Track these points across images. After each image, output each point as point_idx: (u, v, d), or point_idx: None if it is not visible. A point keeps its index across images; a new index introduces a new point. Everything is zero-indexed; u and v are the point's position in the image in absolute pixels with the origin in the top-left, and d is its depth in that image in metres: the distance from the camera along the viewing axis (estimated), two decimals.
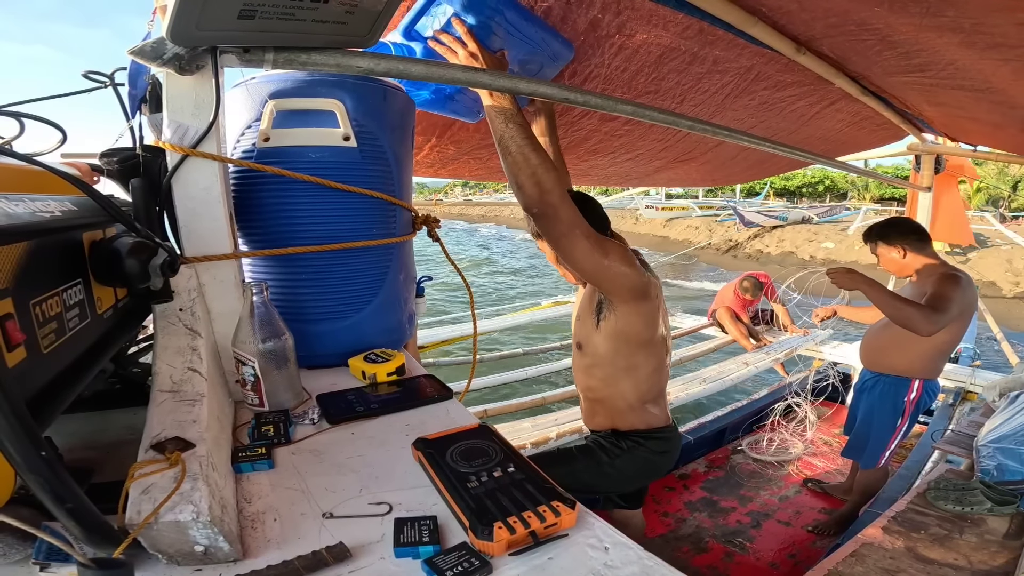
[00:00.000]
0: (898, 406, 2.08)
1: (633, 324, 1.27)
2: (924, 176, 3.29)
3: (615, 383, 1.34)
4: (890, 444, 2.12)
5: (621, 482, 1.43)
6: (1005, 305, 9.38)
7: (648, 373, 1.34)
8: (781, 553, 2.11)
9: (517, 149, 1.04)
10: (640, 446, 1.36)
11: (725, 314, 4.25)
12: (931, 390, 2.09)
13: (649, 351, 1.32)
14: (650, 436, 1.38)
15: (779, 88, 1.66)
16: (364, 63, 0.82)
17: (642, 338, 1.30)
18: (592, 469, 1.35)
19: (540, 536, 0.55)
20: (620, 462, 1.35)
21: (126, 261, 0.62)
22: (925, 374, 2.04)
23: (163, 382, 0.67)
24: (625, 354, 1.30)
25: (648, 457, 1.38)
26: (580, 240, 1.12)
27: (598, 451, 1.36)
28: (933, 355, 2.01)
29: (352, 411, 0.85)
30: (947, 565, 1.42)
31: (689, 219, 19.43)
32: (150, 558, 0.50)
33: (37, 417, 0.42)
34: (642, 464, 1.38)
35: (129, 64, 0.86)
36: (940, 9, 0.91)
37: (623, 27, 1.20)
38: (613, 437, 1.38)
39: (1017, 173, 18.50)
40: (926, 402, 2.09)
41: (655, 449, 1.38)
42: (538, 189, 1.05)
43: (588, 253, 1.14)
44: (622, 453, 1.35)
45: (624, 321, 1.26)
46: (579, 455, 1.37)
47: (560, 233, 1.11)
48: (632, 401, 1.35)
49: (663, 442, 1.39)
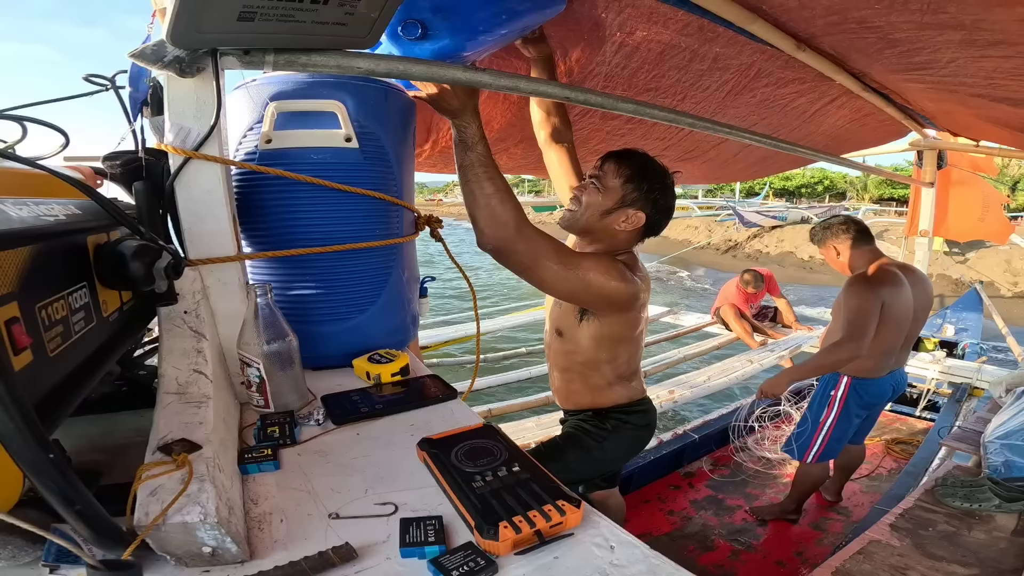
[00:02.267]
0: (823, 400, 2.11)
1: (616, 329, 1.23)
2: (927, 172, 3.28)
3: (595, 369, 1.29)
4: (815, 438, 2.11)
5: (611, 463, 1.41)
6: (1004, 305, 9.31)
7: (627, 358, 1.31)
8: (788, 551, 2.10)
9: (474, 180, 0.96)
10: (624, 424, 1.32)
11: (729, 311, 4.24)
12: (864, 390, 2.06)
13: (630, 343, 1.29)
14: (632, 410, 1.34)
15: (780, 85, 1.65)
16: (364, 64, 0.82)
17: (624, 336, 1.26)
18: (583, 458, 1.31)
19: (546, 535, 0.55)
20: (608, 444, 1.31)
21: (130, 264, 0.62)
22: (852, 371, 2.03)
23: (169, 384, 0.67)
24: (607, 348, 1.26)
25: (635, 433, 1.35)
26: (547, 269, 1.03)
27: (584, 437, 1.32)
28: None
29: (357, 412, 0.85)
30: (955, 562, 1.41)
31: (688, 219, 19.39)
32: (158, 559, 0.50)
33: (45, 420, 0.43)
34: (629, 442, 1.36)
35: (130, 67, 0.87)
36: (941, 6, 0.90)
37: (624, 24, 1.20)
38: (596, 419, 1.33)
39: (1016, 173, 18.41)
40: (859, 401, 2.07)
41: (638, 423, 1.35)
42: (492, 224, 0.97)
43: (560, 279, 1.05)
44: (608, 434, 1.31)
45: (607, 327, 1.22)
46: (567, 446, 1.32)
47: (523, 266, 1.02)
48: (610, 377, 1.31)
49: (644, 415, 1.36)
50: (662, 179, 1.18)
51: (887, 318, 1.90)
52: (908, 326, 2.00)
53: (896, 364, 2.10)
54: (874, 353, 1.96)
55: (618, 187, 1.15)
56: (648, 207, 1.16)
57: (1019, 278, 10.40)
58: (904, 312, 1.96)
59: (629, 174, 1.15)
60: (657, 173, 1.17)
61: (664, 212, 1.20)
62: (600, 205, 1.16)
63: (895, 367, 2.10)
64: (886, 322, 1.90)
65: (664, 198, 1.18)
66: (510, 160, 2.12)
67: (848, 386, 2.06)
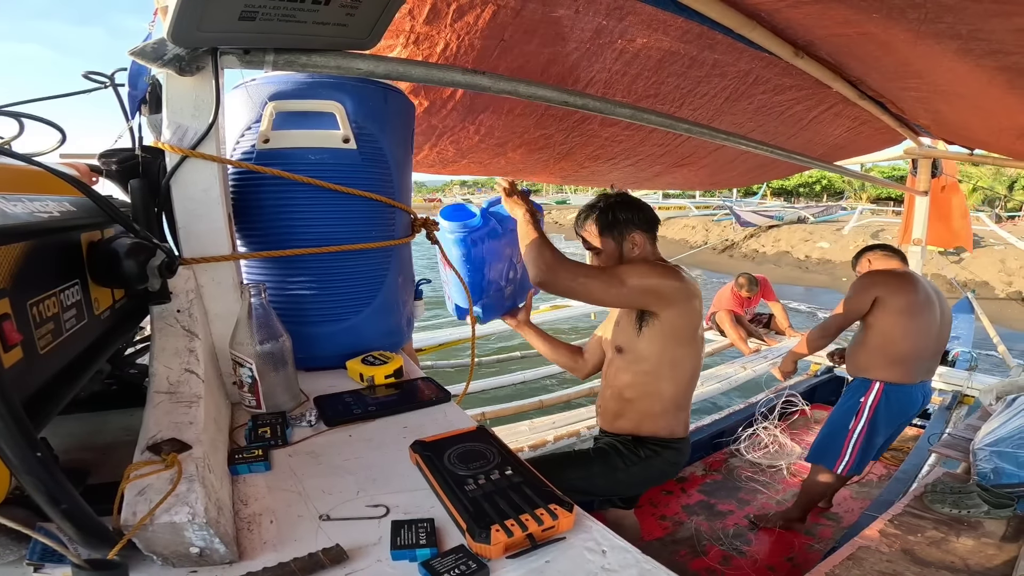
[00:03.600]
0: (852, 407, 2.04)
1: (676, 326, 1.30)
2: (921, 180, 3.31)
3: (657, 380, 1.35)
4: (846, 447, 2.03)
5: (631, 488, 1.45)
6: (998, 305, 9.40)
7: (688, 374, 1.38)
8: (779, 556, 2.11)
9: (537, 254, 1.24)
10: (656, 456, 1.38)
11: (725, 317, 4.25)
12: (896, 396, 1.99)
13: (691, 348, 1.35)
14: (667, 445, 1.39)
15: (777, 92, 1.67)
16: (364, 65, 0.83)
17: (686, 335, 1.33)
18: (607, 475, 1.36)
19: (538, 539, 0.55)
20: (636, 469, 1.37)
21: (124, 262, 0.61)
22: (884, 376, 1.98)
23: (160, 383, 0.67)
24: (672, 348, 1.33)
25: (662, 468, 1.40)
26: (591, 283, 1.23)
27: (614, 456, 1.38)
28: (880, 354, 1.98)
29: (350, 413, 0.85)
30: (944, 568, 1.42)
31: (686, 219, 19.48)
32: (145, 560, 0.50)
33: (33, 418, 0.42)
34: (655, 473, 1.41)
35: (129, 65, 0.86)
36: (938, 15, 0.91)
37: (625, 32, 1.21)
38: (632, 444, 1.39)
39: (1013, 173, 18.59)
40: (889, 409, 1.99)
41: (669, 460, 1.40)
42: (543, 270, 1.23)
43: (605, 289, 1.24)
44: (639, 461, 1.37)
45: (668, 325, 1.29)
46: (596, 459, 1.38)
47: (569, 288, 1.23)
48: (666, 403, 1.37)
49: (677, 453, 1.42)
50: (618, 200, 1.37)
51: (894, 313, 1.90)
52: (936, 331, 1.97)
53: (927, 374, 2.04)
54: (899, 356, 1.94)
55: (605, 237, 1.36)
56: (632, 225, 1.35)
57: (1013, 278, 10.47)
58: (926, 315, 1.94)
59: (601, 223, 1.36)
60: (611, 202, 1.37)
61: (640, 213, 1.37)
62: (611, 258, 1.36)
63: (926, 376, 2.04)
64: (896, 318, 1.90)
65: (631, 209, 1.36)
66: (508, 164, 2.12)
67: (880, 392, 1.98)
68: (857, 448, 2.03)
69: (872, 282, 1.98)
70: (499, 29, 1.16)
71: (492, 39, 1.19)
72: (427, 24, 1.15)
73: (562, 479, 1.32)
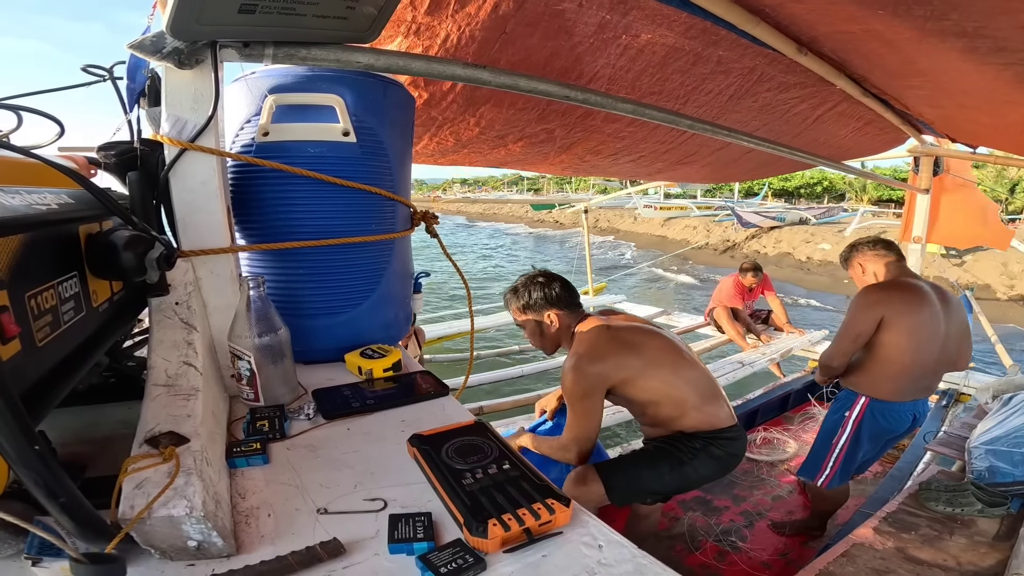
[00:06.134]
0: (837, 421, 1.96)
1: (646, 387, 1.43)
2: (923, 178, 3.30)
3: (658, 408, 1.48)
4: (828, 459, 1.95)
5: (699, 480, 1.49)
6: (999, 307, 9.42)
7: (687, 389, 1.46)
8: (774, 552, 2.12)
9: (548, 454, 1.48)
10: (710, 445, 1.45)
11: (723, 313, 4.25)
12: (881, 413, 1.87)
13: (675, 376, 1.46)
14: (718, 435, 1.46)
15: (782, 90, 1.66)
16: (364, 58, 0.82)
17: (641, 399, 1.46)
18: (676, 471, 1.43)
19: (535, 533, 0.55)
20: (698, 461, 1.44)
21: (122, 254, 0.61)
22: (872, 391, 1.88)
23: (158, 376, 0.67)
24: (640, 412, 1.51)
25: (720, 456, 1.47)
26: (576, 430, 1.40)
27: (674, 451, 1.45)
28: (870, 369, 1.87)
29: (348, 407, 0.85)
30: (937, 566, 1.43)
31: (687, 219, 19.47)
32: (143, 553, 0.50)
33: (31, 411, 0.42)
34: (717, 464, 1.47)
35: (128, 58, 0.86)
36: (944, 12, 0.91)
37: (630, 27, 1.20)
38: (683, 438, 1.47)
39: (1015, 176, 18.55)
40: (874, 426, 1.88)
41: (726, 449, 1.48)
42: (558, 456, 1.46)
43: (585, 425, 1.40)
44: (698, 451, 1.44)
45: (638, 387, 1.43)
46: (658, 456, 1.46)
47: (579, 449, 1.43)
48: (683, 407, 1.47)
49: (730, 442, 1.48)
50: (528, 286, 1.54)
51: (896, 332, 1.77)
52: (936, 348, 1.81)
53: (924, 392, 1.90)
54: (890, 374, 1.82)
55: (526, 316, 1.55)
56: (547, 303, 1.51)
57: (1015, 281, 10.50)
58: (927, 332, 1.79)
59: (516, 308, 1.55)
60: (520, 289, 1.55)
61: (549, 289, 1.52)
62: (535, 334, 1.56)
63: (921, 395, 1.89)
64: (897, 338, 1.78)
65: (539, 289, 1.52)
66: (508, 155, 2.12)
67: (865, 407, 1.89)
68: (839, 462, 1.95)
69: (877, 299, 1.82)
70: (501, 21, 1.15)
71: (494, 31, 1.18)
72: (428, 14, 1.14)
73: (638, 480, 1.44)
